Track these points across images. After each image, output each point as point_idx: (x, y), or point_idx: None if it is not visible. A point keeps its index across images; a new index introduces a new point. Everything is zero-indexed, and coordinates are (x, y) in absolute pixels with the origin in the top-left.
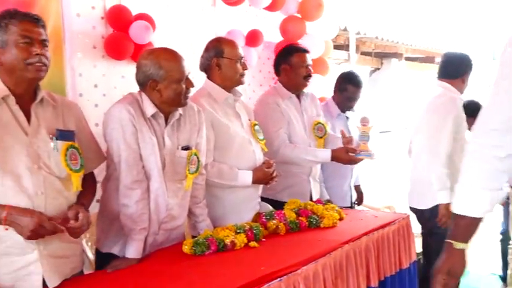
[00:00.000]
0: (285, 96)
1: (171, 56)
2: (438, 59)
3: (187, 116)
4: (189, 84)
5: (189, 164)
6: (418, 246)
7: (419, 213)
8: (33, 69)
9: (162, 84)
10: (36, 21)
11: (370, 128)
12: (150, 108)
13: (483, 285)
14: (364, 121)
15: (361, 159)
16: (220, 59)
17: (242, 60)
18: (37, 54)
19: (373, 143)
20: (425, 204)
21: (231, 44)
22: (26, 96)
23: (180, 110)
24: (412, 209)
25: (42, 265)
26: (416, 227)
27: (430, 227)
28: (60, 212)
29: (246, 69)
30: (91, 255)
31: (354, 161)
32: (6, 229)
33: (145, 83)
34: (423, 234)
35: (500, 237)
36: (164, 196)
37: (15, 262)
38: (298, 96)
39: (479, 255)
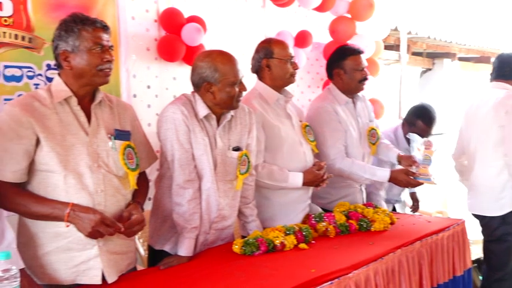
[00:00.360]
0: (342, 102)
1: (227, 59)
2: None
3: (238, 117)
4: (242, 87)
5: (240, 165)
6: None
7: (487, 220)
8: (103, 75)
9: (217, 87)
10: (106, 28)
11: (433, 152)
12: (202, 110)
13: None
14: (427, 144)
15: (420, 183)
16: (270, 60)
17: (292, 60)
18: (108, 61)
19: (434, 167)
20: (495, 211)
21: (281, 44)
22: (87, 98)
23: (232, 112)
24: (477, 216)
25: (101, 261)
26: (472, 234)
27: (499, 234)
28: (118, 209)
29: (296, 69)
30: (142, 251)
31: (412, 185)
32: (68, 226)
33: (200, 84)
34: (486, 242)
35: None
36: (215, 196)
37: (76, 257)
38: (353, 100)
39: None
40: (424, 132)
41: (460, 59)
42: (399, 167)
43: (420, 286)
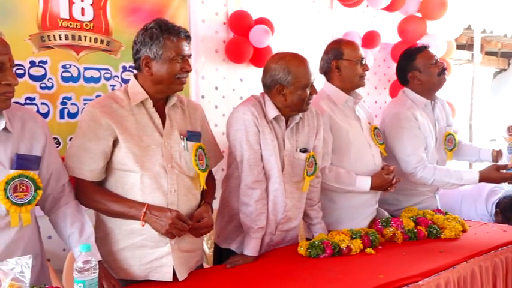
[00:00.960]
0: (421, 105)
1: (300, 62)
2: None
3: (306, 119)
4: (313, 91)
5: (307, 167)
6: None
7: None
8: (180, 83)
9: (289, 89)
10: (188, 38)
11: None
12: (272, 111)
13: None
14: (511, 131)
15: None
16: (340, 61)
17: (363, 61)
18: (186, 71)
19: None
20: None
21: (351, 45)
22: (161, 101)
23: (300, 114)
24: None
25: (173, 258)
26: None
27: None
28: (189, 208)
29: (366, 70)
30: (207, 249)
31: (507, 179)
32: (143, 225)
33: (272, 86)
34: None
35: None
36: (282, 197)
37: (149, 254)
38: (432, 103)
39: None
40: None
41: None
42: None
43: None
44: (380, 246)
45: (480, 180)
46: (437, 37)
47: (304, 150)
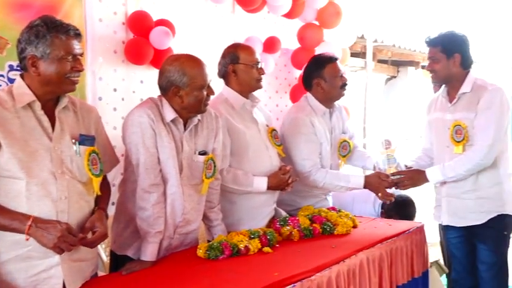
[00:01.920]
0: (319, 113)
1: (195, 63)
2: None
3: (205, 121)
4: (210, 91)
5: (206, 169)
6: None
7: None
8: (70, 83)
9: (185, 91)
10: (78, 35)
11: (394, 150)
12: (169, 114)
13: None
14: (387, 144)
15: (394, 183)
16: (236, 65)
17: (259, 65)
18: (77, 70)
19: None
20: None
21: (247, 49)
22: (51, 102)
23: (199, 116)
24: None
25: (63, 269)
26: (430, 236)
27: None
28: (82, 215)
29: (262, 74)
30: (105, 257)
31: (385, 187)
32: (27, 239)
33: (167, 88)
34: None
35: None
36: (180, 200)
37: (37, 266)
38: (330, 111)
39: None
40: None
41: (424, 67)
42: None
43: (380, 287)
44: (277, 245)
45: (364, 185)
46: (333, 45)
47: (203, 153)
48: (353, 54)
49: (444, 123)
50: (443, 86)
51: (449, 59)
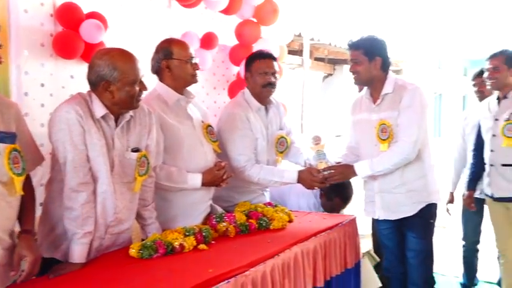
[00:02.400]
0: (254, 108)
1: (126, 57)
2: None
3: (138, 117)
4: (143, 87)
5: (139, 166)
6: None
7: None
8: None
9: (115, 86)
10: None
11: (323, 146)
12: (99, 109)
13: None
14: (316, 140)
15: (325, 178)
16: (170, 61)
17: (193, 60)
18: None
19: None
20: None
21: (180, 44)
22: None
23: (131, 112)
24: None
25: None
26: (362, 229)
27: None
28: (5, 218)
29: (197, 69)
30: None
31: (316, 183)
32: None
33: (97, 83)
34: None
35: (463, 243)
36: (112, 199)
37: None
38: (266, 107)
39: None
40: (339, 207)
41: None
42: None
43: (314, 280)
44: (213, 242)
45: (297, 180)
46: (270, 42)
47: (135, 150)
48: (291, 52)
49: (370, 124)
50: (366, 87)
51: (371, 61)
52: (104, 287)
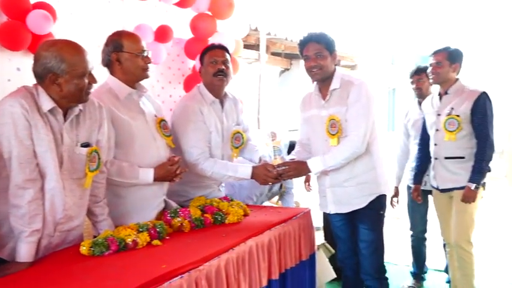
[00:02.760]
0: (209, 101)
1: (74, 49)
2: (344, 62)
3: (88, 111)
4: (92, 79)
5: (89, 162)
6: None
7: None
8: None
9: (63, 79)
10: None
11: (279, 142)
12: (47, 103)
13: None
14: (272, 136)
15: (279, 174)
16: (120, 54)
17: (144, 54)
18: None
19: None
20: None
21: (131, 37)
22: None
23: (80, 106)
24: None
25: None
26: (316, 221)
27: None
28: None
29: (148, 63)
30: None
31: (270, 178)
32: None
33: (44, 76)
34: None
35: (411, 233)
36: (61, 195)
37: None
38: (221, 101)
39: (398, 249)
40: None
41: None
42: None
43: (269, 272)
44: (168, 237)
45: (252, 176)
46: (226, 35)
47: (86, 145)
48: (248, 46)
49: (321, 119)
50: (315, 83)
51: (331, 56)
52: (54, 286)
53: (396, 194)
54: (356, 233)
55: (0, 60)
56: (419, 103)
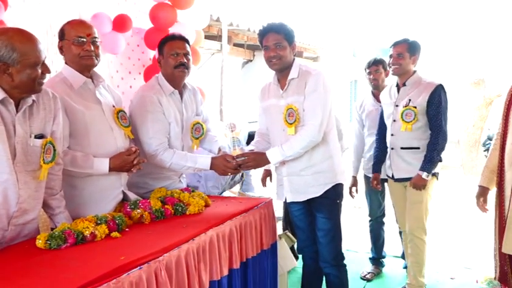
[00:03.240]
0: (167, 92)
1: (26, 38)
2: (306, 54)
3: (41, 102)
4: (45, 69)
5: (44, 154)
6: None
7: None
8: None
9: (15, 68)
10: None
11: (239, 133)
12: None
13: (356, 264)
14: (232, 127)
15: (238, 165)
16: (63, 41)
17: (82, 39)
18: None
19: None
20: None
21: (72, 24)
22: None
23: (34, 96)
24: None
25: None
26: (278, 211)
27: None
28: None
29: (87, 50)
30: None
31: (229, 169)
32: None
33: None
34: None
35: (369, 218)
36: (14, 188)
37: None
38: (181, 92)
39: (359, 237)
40: None
41: None
42: None
43: (230, 262)
44: (127, 229)
45: (211, 166)
46: (186, 26)
47: (40, 136)
48: (210, 37)
49: (279, 109)
50: (275, 73)
51: (290, 46)
52: (8, 281)
53: (355, 184)
54: (314, 222)
55: None
56: (374, 94)
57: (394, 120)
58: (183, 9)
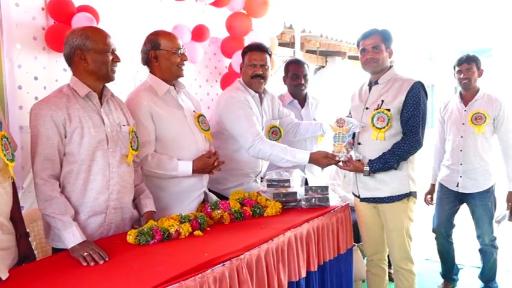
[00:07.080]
0: (251, 94)
1: (97, 30)
2: None
3: (117, 103)
4: (116, 57)
5: (131, 141)
6: None
7: None
8: None
9: (89, 54)
10: None
11: (347, 130)
12: (82, 89)
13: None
14: (340, 123)
15: (339, 161)
16: (158, 51)
17: (180, 51)
18: None
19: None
20: None
21: (167, 35)
22: None
23: (110, 92)
24: None
25: None
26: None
27: None
28: (1, 204)
29: (185, 60)
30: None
31: (331, 164)
32: None
33: (72, 54)
34: None
35: (434, 234)
36: (107, 172)
37: None
38: (260, 96)
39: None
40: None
41: (350, 57)
42: None
43: (308, 264)
44: (209, 229)
45: (310, 161)
46: (261, 34)
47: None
48: (283, 44)
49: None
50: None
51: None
52: (100, 271)
53: (431, 191)
54: None
55: (48, 62)
56: (461, 96)
57: (363, 126)
58: (258, 17)
